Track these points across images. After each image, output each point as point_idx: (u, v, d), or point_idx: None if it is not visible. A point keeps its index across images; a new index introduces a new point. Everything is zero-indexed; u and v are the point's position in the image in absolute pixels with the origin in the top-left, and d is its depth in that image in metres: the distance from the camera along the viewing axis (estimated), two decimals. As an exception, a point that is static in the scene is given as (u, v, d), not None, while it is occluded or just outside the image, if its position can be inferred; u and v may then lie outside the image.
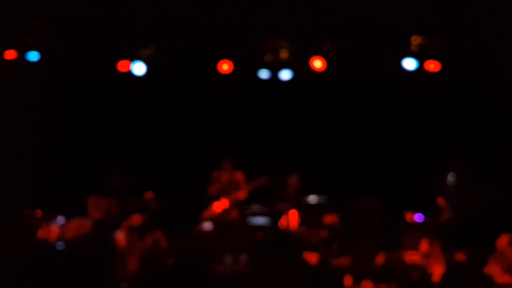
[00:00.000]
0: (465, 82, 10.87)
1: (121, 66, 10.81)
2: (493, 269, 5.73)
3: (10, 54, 10.29)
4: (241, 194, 10.15)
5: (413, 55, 10.27)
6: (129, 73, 10.89)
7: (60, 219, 8.81)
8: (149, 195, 10.55)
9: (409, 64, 10.33)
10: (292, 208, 10.94)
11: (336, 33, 10.01)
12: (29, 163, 11.27)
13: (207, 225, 10.98)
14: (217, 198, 10.12)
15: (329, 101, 12.04)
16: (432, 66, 10.21)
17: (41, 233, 7.20)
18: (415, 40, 10.18)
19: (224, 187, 10.11)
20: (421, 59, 10.26)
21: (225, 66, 10.58)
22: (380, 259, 6.92)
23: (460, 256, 6.93)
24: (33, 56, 10.46)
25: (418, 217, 10.52)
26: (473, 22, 9.16)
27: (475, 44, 9.78)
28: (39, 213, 8.73)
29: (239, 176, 10.19)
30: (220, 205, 9.98)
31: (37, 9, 9.17)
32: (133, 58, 10.77)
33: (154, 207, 10.53)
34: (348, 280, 6.28)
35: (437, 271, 6.04)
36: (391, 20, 9.41)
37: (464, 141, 11.10)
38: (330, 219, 10.75)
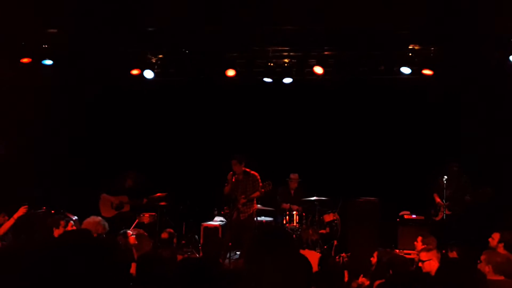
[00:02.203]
0: (460, 87, 10.97)
1: (132, 71, 10.94)
2: (484, 267, 5.74)
3: (26, 61, 10.37)
4: (257, 193, 10.07)
5: (409, 62, 10.35)
6: (140, 78, 11.01)
7: (73, 218, 8.77)
8: (159, 194, 10.63)
9: (406, 70, 10.40)
10: (294, 206, 11.14)
11: (335, 40, 10.02)
12: (40, 162, 11.48)
13: (216, 222, 11.07)
14: (231, 197, 10.08)
15: (330, 106, 12.23)
16: (428, 72, 10.26)
17: (56, 232, 7.13)
18: (412, 48, 10.25)
19: (238, 186, 10.08)
20: (417, 66, 10.33)
21: (231, 72, 10.70)
22: (377, 256, 7.04)
23: (455, 254, 6.90)
24: (47, 62, 10.55)
25: (414, 216, 10.65)
26: (468, 29, 9.07)
27: (471, 50, 9.77)
28: (52, 212, 8.52)
29: (256, 175, 10.12)
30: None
31: (51, 18, 9.10)
32: (143, 64, 10.93)
33: (164, 206, 10.71)
34: (346, 276, 6.36)
35: (432, 268, 5.95)
36: (388, 28, 9.33)
37: (459, 141, 11.22)
38: (330, 217, 10.92)
